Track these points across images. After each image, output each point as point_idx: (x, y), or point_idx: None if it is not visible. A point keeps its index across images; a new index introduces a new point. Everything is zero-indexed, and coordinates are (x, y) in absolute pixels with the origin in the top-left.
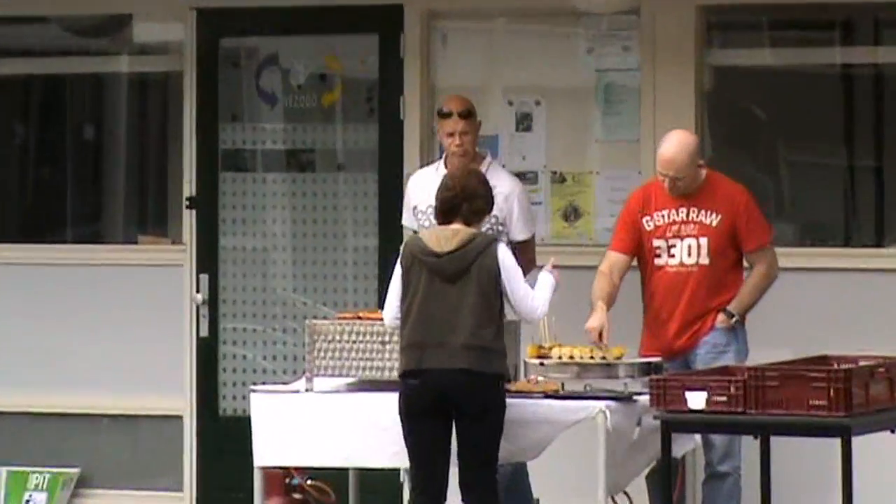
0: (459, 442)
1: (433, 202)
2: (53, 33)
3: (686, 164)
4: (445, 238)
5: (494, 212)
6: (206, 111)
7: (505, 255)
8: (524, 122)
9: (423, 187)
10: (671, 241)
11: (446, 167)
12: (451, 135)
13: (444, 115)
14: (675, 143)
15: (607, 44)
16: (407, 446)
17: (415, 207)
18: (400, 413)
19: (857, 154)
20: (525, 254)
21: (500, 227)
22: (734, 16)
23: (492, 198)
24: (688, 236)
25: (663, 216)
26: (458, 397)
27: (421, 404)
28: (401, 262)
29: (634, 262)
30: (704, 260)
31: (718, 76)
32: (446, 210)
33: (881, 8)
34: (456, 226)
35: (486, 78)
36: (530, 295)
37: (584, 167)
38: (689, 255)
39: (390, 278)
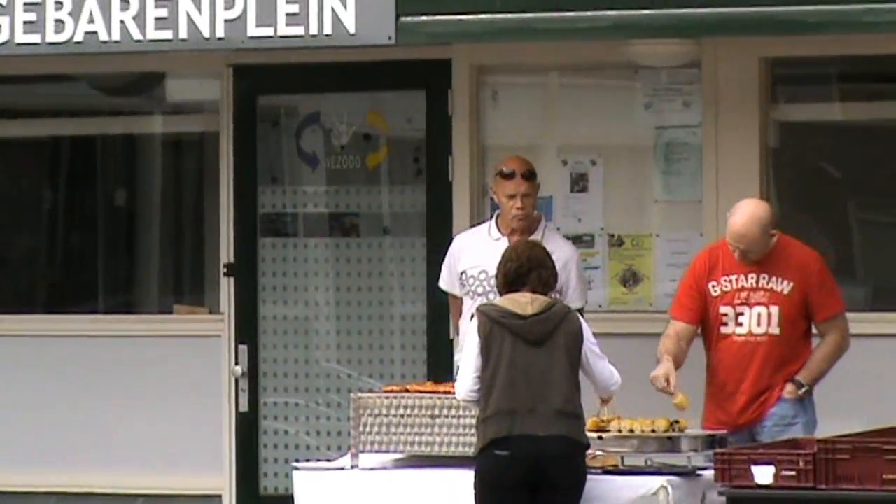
0: None
1: (484, 267)
2: (84, 92)
3: (758, 237)
4: (526, 302)
5: None
6: (244, 173)
7: (585, 323)
8: (580, 183)
9: (471, 250)
10: (739, 309)
11: (499, 230)
12: (513, 196)
13: (506, 176)
14: (748, 216)
15: (667, 98)
16: None
17: (462, 272)
18: (483, 488)
19: None
20: None
21: (557, 296)
22: (800, 68)
23: (556, 270)
24: (757, 304)
25: (731, 282)
26: (552, 467)
27: (512, 476)
28: (479, 330)
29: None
30: (775, 329)
31: (784, 132)
32: (512, 280)
33: None
34: (532, 294)
35: (538, 136)
36: (610, 369)
37: (643, 229)
38: (759, 324)
39: (444, 346)
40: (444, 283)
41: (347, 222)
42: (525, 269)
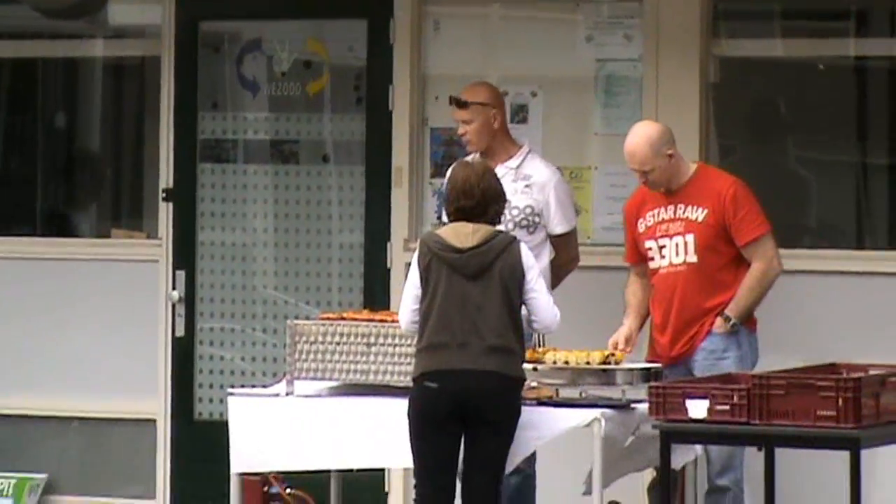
0: (472, 451)
1: None
2: (25, 14)
3: (649, 155)
4: (467, 234)
5: (528, 202)
6: (184, 98)
7: (528, 256)
8: (519, 114)
9: None
10: (661, 242)
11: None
12: (458, 123)
13: (450, 103)
14: (636, 134)
15: (608, 32)
16: (415, 454)
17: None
18: (414, 418)
19: (871, 151)
20: (566, 249)
21: (537, 219)
22: (743, 4)
23: (505, 197)
24: (676, 234)
25: (654, 216)
26: (482, 401)
27: (441, 408)
28: (418, 261)
29: None
30: (692, 258)
31: (725, 67)
32: (467, 216)
33: None
34: (476, 224)
35: (479, 67)
36: (551, 302)
37: (583, 162)
38: (678, 254)
39: (382, 274)
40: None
41: (287, 149)
42: (482, 206)
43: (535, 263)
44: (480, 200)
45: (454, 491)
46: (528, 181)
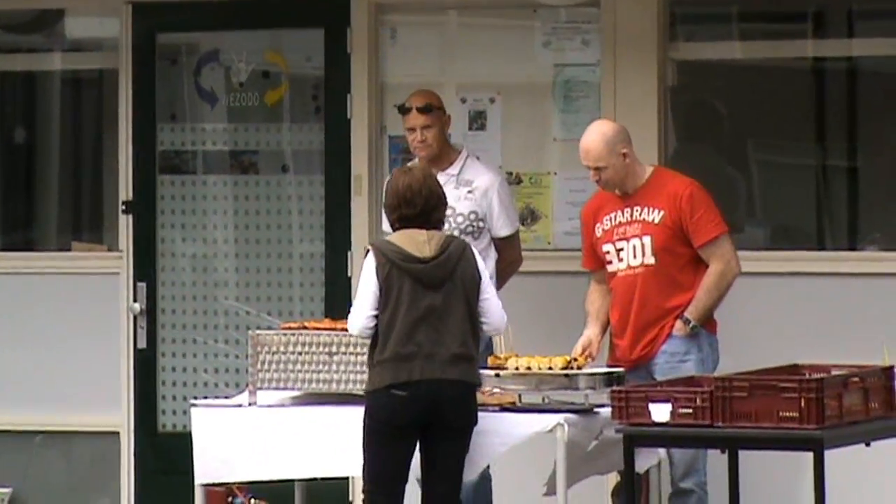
0: (433, 457)
1: None
2: None
3: (604, 153)
4: (423, 241)
5: (472, 207)
6: (142, 110)
7: (480, 259)
8: (478, 121)
9: None
10: (619, 245)
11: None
12: (412, 130)
13: (403, 111)
14: (590, 132)
15: (565, 37)
16: (372, 462)
17: None
18: (376, 426)
19: (829, 152)
20: (510, 251)
21: (481, 224)
22: (699, 7)
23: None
24: (633, 236)
25: (610, 219)
26: (446, 409)
27: (406, 415)
28: (376, 270)
29: None
30: (650, 259)
31: (683, 71)
32: (410, 223)
33: None
34: (425, 230)
35: (437, 74)
36: (500, 305)
37: (542, 167)
38: (635, 256)
39: (343, 283)
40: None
41: (246, 160)
42: (427, 211)
43: (485, 266)
44: (423, 208)
45: (403, 498)
46: (470, 187)
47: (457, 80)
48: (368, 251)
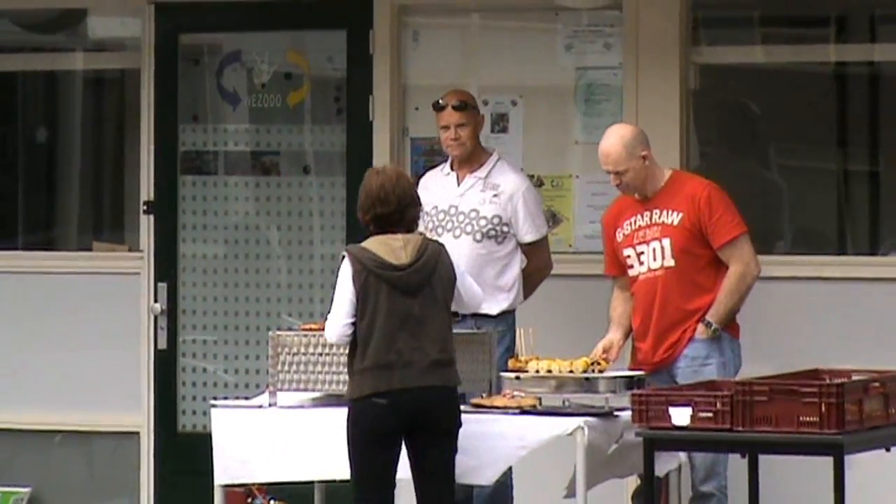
0: (421, 463)
1: (435, 202)
2: (6, 28)
3: (623, 156)
4: (399, 247)
5: (497, 211)
6: (164, 111)
7: (455, 259)
8: (500, 124)
9: (430, 190)
10: (639, 248)
11: (450, 165)
12: (446, 128)
13: (438, 108)
14: (609, 135)
15: (588, 40)
16: (358, 469)
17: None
18: (360, 435)
19: (851, 157)
20: (538, 257)
21: (506, 229)
22: (722, 11)
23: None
24: (653, 239)
25: (631, 224)
26: (429, 415)
27: (389, 423)
28: (352, 278)
29: None
30: (670, 262)
31: (705, 75)
32: (384, 223)
33: (877, 3)
34: (400, 234)
35: (459, 76)
36: (475, 287)
37: (563, 170)
38: (655, 258)
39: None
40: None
41: (268, 161)
42: (399, 211)
43: (458, 263)
44: (397, 206)
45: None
46: (496, 191)
47: (479, 83)
48: (344, 257)
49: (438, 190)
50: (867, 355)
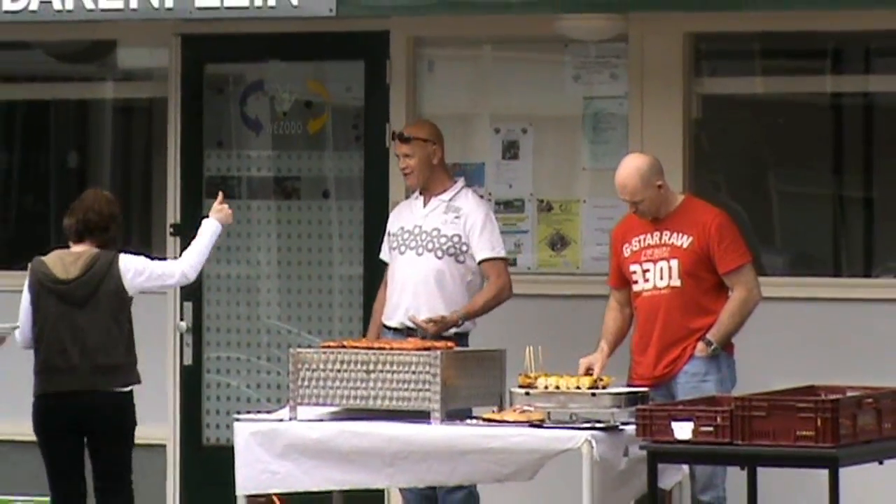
0: (96, 459)
1: (402, 223)
2: (38, 58)
3: (639, 187)
4: (71, 262)
5: (456, 231)
6: (190, 137)
7: (126, 263)
8: (511, 150)
9: (401, 213)
10: (645, 266)
11: (421, 193)
12: (399, 157)
13: (393, 138)
14: (626, 166)
15: (595, 71)
16: (44, 461)
17: (388, 232)
18: (36, 432)
19: (846, 183)
20: (495, 275)
21: (464, 247)
22: (723, 43)
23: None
24: (660, 259)
25: (639, 241)
26: (91, 418)
27: (57, 425)
28: (28, 289)
29: None
30: (676, 282)
31: (707, 105)
32: (71, 234)
33: (872, 37)
34: (81, 247)
35: (472, 105)
36: (168, 272)
37: (571, 195)
38: (662, 277)
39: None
40: (383, 254)
41: (289, 186)
42: (82, 224)
43: (137, 264)
44: (79, 219)
45: (81, 495)
46: (458, 213)
47: (491, 111)
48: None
49: (406, 212)
50: (861, 372)
